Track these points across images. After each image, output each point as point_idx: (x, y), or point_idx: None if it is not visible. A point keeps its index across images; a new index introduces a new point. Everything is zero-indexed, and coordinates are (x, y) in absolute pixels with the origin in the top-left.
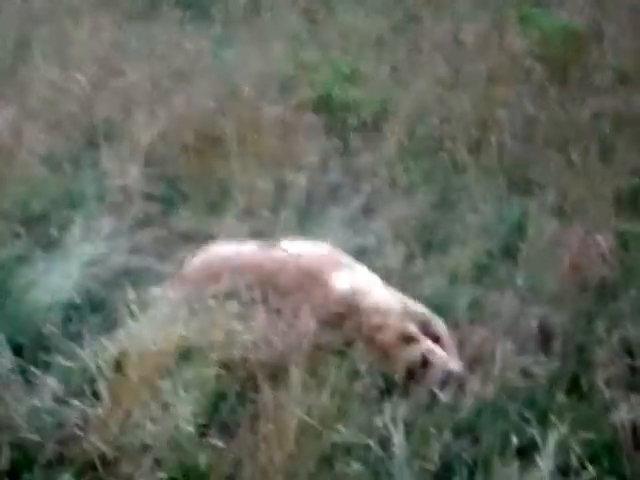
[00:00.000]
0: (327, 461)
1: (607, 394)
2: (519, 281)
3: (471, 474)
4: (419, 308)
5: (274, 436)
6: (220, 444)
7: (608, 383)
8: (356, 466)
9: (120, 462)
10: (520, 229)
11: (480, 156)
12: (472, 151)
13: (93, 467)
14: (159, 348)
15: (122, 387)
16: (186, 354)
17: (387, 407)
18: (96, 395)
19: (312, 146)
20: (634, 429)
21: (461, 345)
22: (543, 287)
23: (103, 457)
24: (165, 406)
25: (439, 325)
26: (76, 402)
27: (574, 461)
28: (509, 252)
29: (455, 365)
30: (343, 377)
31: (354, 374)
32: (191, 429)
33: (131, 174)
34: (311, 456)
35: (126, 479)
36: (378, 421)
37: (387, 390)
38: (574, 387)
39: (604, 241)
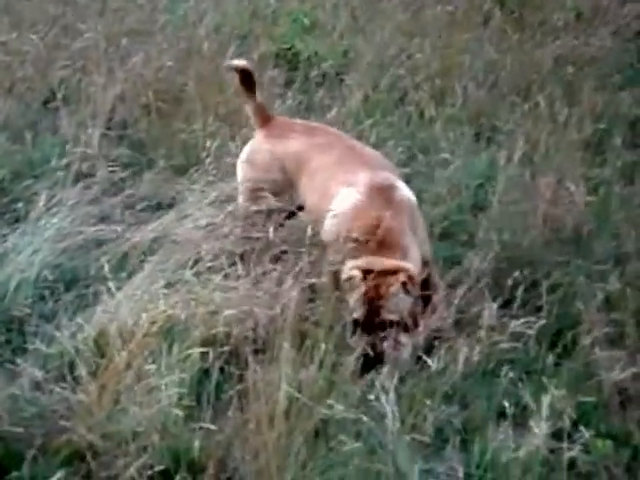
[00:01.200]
0: (319, 438)
1: (593, 353)
2: (493, 236)
3: (464, 441)
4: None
5: (264, 414)
6: (210, 426)
7: (594, 341)
8: (349, 441)
9: (108, 451)
10: (490, 181)
11: (445, 106)
12: (437, 101)
13: (81, 457)
14: (140, 327)
15: (105, 371)
16: (168, 332)
17: (378, 378)
18: (77, 380)
19: (276, 102)
20: (619, 388)
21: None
22: (519, 242)
23: (90, 446)
24: (150, 389)
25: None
26: (57, 389)
27: (567, 423)
28: (481, 206)
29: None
30: (331, 350)
31: (342, 346)
32: (179, 412)
33: (93, 139)
34: (302, 433)
35: (115, 468)
36: (369, 393)
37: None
38: (560, 346)
39: (576, 189)
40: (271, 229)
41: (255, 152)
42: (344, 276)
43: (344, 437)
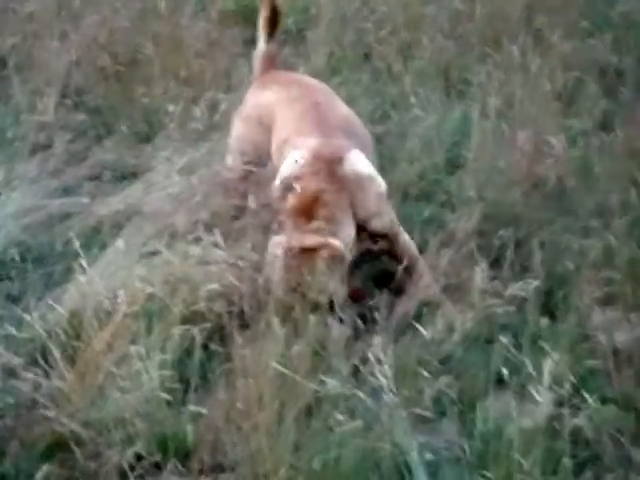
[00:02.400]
0: (312, 416)
1: (587, 315)
2: (473, 195)
3: (462, 412)
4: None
5: (252, 394)
6: (198, 410)
7: (588, 302)
8: (344, 418)
9: (93, 440)
10: (465, 136)
11: (413, 60)
12: (405, 54)
13: (65, 448)
14: (117, 307)
15: (82, 355)
16: (147, 312)
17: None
18: (51, 365)
19: (238, 63)
20: (615, 351)
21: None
22: (500, 199)
23: (74, 435)
24: (133, 373)
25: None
26: (31, 375)
27: (568, 390)
28: (457, 163)
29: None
30: (320, 322)
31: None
32: (163, 395)
33: (49, 107)
34: (294, 412)
35: (102, 458)
36: (363, 368)
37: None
38: (553, 308)
39: (555, 141)
40: (251, 197)
41: (242, 106)
42: (267, 253)
43: (338, 414)
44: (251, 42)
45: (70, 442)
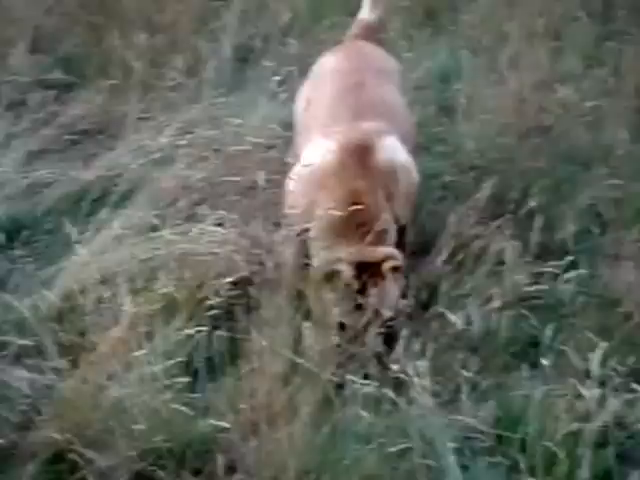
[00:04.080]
0: (330, 411)
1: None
2: (471, 144)
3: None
4: None
5: (263, 388)
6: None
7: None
8: (368, 416)
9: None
10: (455, 77)
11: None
12: None
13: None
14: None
15: (79, 350)
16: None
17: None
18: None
19: (219, 10)
20: None
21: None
22: (500, 151)
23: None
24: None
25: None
26: (25, 373)
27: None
28: (450, 107)
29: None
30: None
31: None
32: (169, 395)
33: (18, 61)
34: (309, 407)
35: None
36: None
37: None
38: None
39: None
40: (262, 173)
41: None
42: (323, 270)
43: (361, 411)
44: None
45: (72, 453)
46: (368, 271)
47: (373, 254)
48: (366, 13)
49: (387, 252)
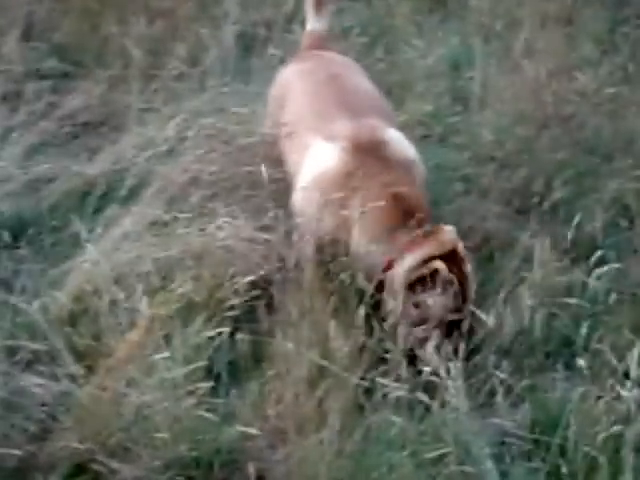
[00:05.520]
0: (360, 416)
1: None
2: (488, 134)
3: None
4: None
5: (289, 393)
6: (246, 430)
7: None
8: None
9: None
10: (468, 65)
11: None
12: None
13: (84, 469)
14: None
15: (95, 354)
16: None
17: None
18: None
19: None
20: None
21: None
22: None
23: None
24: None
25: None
26: (38, 379)
27: None
28: (464, 97)
29: None
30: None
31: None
32: (192, 402)
33: (12, 51)
34: (338, 412)
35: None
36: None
37: None
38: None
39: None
40: (263, 166)
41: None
42: (414, 275)
43: (392, 416)
44: None
45: (94, 464)
46: (451, 259)
47: (445, 243)
48: (312, 24)
49: (452, 238)
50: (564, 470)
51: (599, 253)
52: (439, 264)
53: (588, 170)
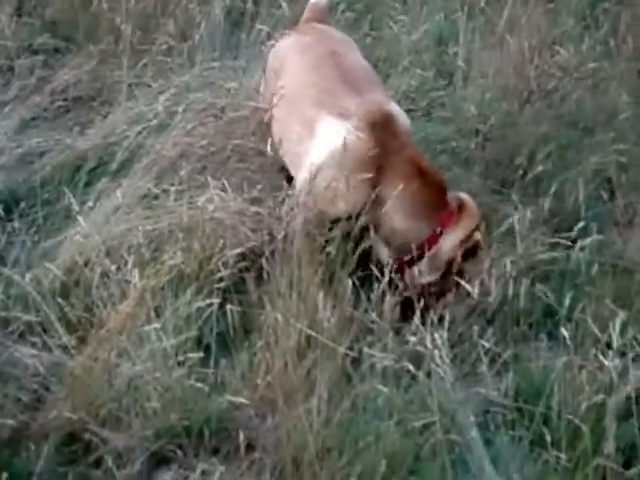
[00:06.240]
0: (348, 386)
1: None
2: (472, 108)
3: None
4: None
5: (278, 363)
6: (235, 400)
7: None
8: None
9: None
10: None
11: None
12: None
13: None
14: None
15: (87, 325)
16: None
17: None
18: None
19: None
20: None
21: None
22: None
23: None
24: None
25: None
26: (31, 350)
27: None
28: (449, 72)
29: None
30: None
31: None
32: (183, 372)
33: (4, 26)
34: (326, 383)
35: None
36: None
37: None
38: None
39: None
40: (269, 141)
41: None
42: (461, 250)
43: (379, 385)
44: None
45: (86, 433)
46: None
47: (477, 215)
48: None
49: (475, 211)
50: (547, 438)
51: (581, 225)
52: (479, 235)
53: (570, 143)
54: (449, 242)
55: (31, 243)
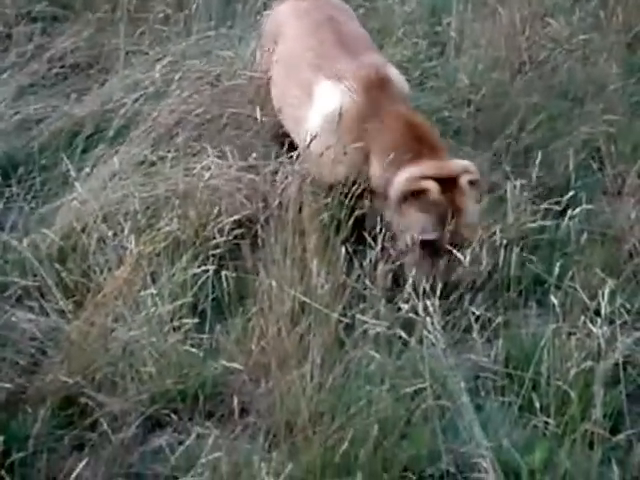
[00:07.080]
0: (340, 352)
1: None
2: (464, 79)
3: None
4: None
5: (272, 329)
6: (230, 365)
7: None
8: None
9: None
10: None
11: None
12: None
13: (73, 402)
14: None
15: (83, 290)
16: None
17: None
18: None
19: None
20: None
21: None
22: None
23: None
24: (136, 306)
25: None
26: (29, 314)
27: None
28: (441, 42)
29: None
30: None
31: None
32: (178, 337)
33: None
34: (319, 349)
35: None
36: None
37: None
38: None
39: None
40: (258, 109)
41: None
42: (405, 188)
43: (372, 351)
44: None
45: (82, 397)
46: (448, 186)
47: (451, 168)
48: None
49: (464, 164)
50: (536, 404)
51: (571, 194)
52: (430, 184)
53: (560, 113)
54: (395, 181)
55: (29, 208)
